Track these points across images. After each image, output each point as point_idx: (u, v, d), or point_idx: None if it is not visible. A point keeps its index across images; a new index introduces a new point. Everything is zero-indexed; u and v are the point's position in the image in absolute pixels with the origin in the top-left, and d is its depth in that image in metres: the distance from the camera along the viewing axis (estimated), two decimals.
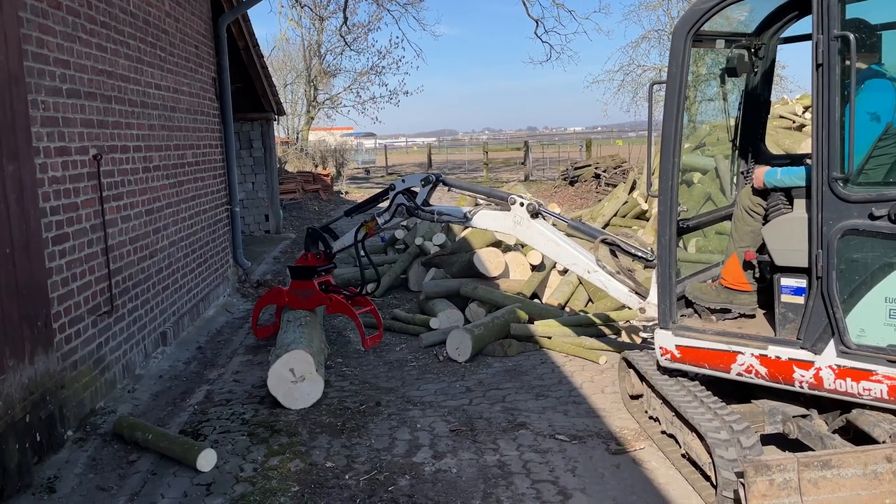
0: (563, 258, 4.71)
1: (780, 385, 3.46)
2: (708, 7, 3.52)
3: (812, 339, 3.29)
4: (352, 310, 5.47)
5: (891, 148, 3.27)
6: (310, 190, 19.49)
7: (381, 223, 5.37)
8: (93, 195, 4.80)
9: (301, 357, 4.70)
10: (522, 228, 4.77)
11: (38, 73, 4.15)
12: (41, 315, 4.00)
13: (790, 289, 3.44)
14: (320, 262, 5.70)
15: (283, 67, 30.25)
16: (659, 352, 3.87)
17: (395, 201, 5.29)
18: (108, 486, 3.76)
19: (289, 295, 5.81)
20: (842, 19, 3.10)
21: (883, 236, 3.04)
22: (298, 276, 5.73)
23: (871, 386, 3.13)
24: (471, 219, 5.01)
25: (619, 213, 10.52)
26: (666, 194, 3.75)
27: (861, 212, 3.08)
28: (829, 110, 3.10)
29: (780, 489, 2.76)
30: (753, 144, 4.44)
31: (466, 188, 5.49)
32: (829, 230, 3.16)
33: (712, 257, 4.66)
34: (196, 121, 7.32)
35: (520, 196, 4.83)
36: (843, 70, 3.07)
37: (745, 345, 3.53)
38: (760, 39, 4.21)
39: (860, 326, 3.15)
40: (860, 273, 3.12)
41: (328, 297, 5.59)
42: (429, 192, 5.29)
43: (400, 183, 5.37)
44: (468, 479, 3.71)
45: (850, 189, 3.12)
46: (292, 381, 4.69)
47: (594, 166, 18.02)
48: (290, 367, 4.69)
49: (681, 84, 3.64)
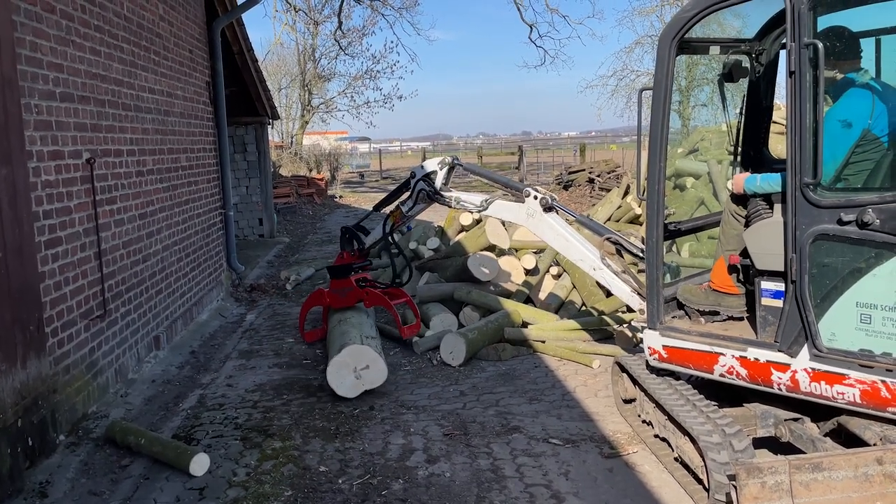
0: (571, 253, 4.79)
1: (760, 387, 3.50)
2: (691, 15, 3.57)
3: (788, 342, 3.32)
4: (388, 301, 5.67)
5: (868, 154, 3.31)
6: (304, 194, 19.48)
7: (406, 210, 5.53)
8: (86, 199, 4.79)
9: (355, 352, 4.91)
10: (535, 221, 4.89)
11: (31, 76, 4.15)
12: (34, 319, 3.98)
13: (770, 292, 3.47)
14: (356, 260, 5.91)
15: (277, 71, 30.28)
16: (647, 351, 3.95)
17: (417, 187, 5.44)
18: (101, 490, 3.74)
19: (329, 295, 6.00)
20: (813, 28, 3.16)
21: (851, 241, 3.07)
22: (336, 276, 5.94)
23: (845, 390, 3.16)
24: (486, 207, 5.16)
25: (613, 218, 10.54)
26: (653, 197, 3.80)
27: (831, 217, 3.11)
28: (801, 116, 3.14)
29: (771, 492, 2.77)
30: (756, 150, 4.47)
31: (484, 174, 5.64)
32: (802, 235, 3.19)
33: (706, 262, 4.70)
34: (190, 125, 7.31)
35: (535, 189, 4.95)
36: (814, 77, 3.11)
37: (727, 346, 3.58)
38: (762, 44, 4.24)
39: (831, 330, 3.18)
40: (831, 277, 3.16)
41: (364, 292, 5.79)
42: (447, 176, 5.42)
43: (420, 169, 5.50)
44: (462, 483, 3.71)
45: (821, 194, 3.16)
46: (356, 378, 4.90)
47: (588, 171, 18.05)
48: (347, 367, 4.89)
49: (666, 90, 3.70)
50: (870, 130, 3.28)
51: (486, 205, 5.15)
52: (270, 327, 7.00)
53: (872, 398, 3.08)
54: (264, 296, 8.45)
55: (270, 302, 8.13)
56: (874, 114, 3.28)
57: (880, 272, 3.02)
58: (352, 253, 5.93)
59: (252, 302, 8.20)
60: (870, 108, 3.30)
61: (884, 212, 2.96)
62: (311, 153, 26.56)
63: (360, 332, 5.30)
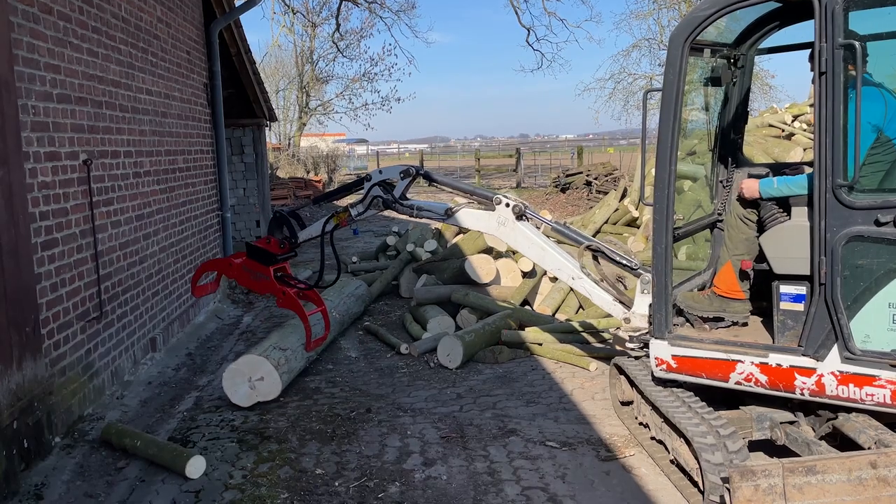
0: (547, 263, 4.58)
1: (781, 393, 3.46)
2: (706, 15, 3.49)
3: (814, 346, 3.30)
4: (302, 308, 5.19)
5: (882, 156, 3.32)
6: (301, 196, 19.47)
7: (354, 214, 5.05)
8: (83, 200, 4.79)
9: (252, 362, 4.87)
10: (506, 230, 4.62)
11: (28, 77, 4.15)
12: (30, 320, 3.98)
13: (789, 296, 3.46)
14: (282, 251, 5.21)
15: (275, 73, 30.31)
16: (654, 362, 3.83)
17: (371, 193, 4.96)
18: (96, 493, 3.74)
19: (238, 269, 5.31)
20: (845, 28, 3.12)
21: (888, 242, 3.07)
22: (255, 258, 5.25)
23: (874, 391, 3.16)
24: (452, 216, 4.81)
25: (610, 221, 10.57)
26: (662, 203, 3.70)
27: (866, 218, 3.10)
28: (833, 118, 3.12)
29: (765, 494, 2.78)
30: (732, 153, 4.47)
31: (449, 184, 5.14)
32: (833, 237, 3.17)
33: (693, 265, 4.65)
34: (187, 126, 7.31)
35: (506, 196, 4.67)
36: (848, 78, 3.09)
37: (745, 353, 3.53)
38: (739, 50, 4.23)
39: (865, 332, 3.17)
40: (864, 279, 3.14)
41: (282, 290, 5.17)
42: (407, 185, 4.99)
43: (377, 174, 5.07)
44: (458, 486, 3.71)
45: (855, 196, 3.14)
46: (250, 388, 4.88)
47: (585, 174, 18.08)
48: (242, 375, 4.88)
49: (677, 92, 3.61)
50: (884, 132, 3.29)
51: (451, 213, 4.80)
52: (267, 329, 6.99)
53: None
54: (261, 298, 8.44)
55: (267, 304, 8.12)
56: (888, 115, 3.29)
57: None
58: (280, 243, 5.19)
59: (248, 304, 8.19)
60: (884, 109, 3.31)
61: None
62: (308, 155, 26.58)
63: (275, 340, 5.18)
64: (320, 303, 5.46)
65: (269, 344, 5.14)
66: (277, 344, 5.16)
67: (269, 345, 5.12)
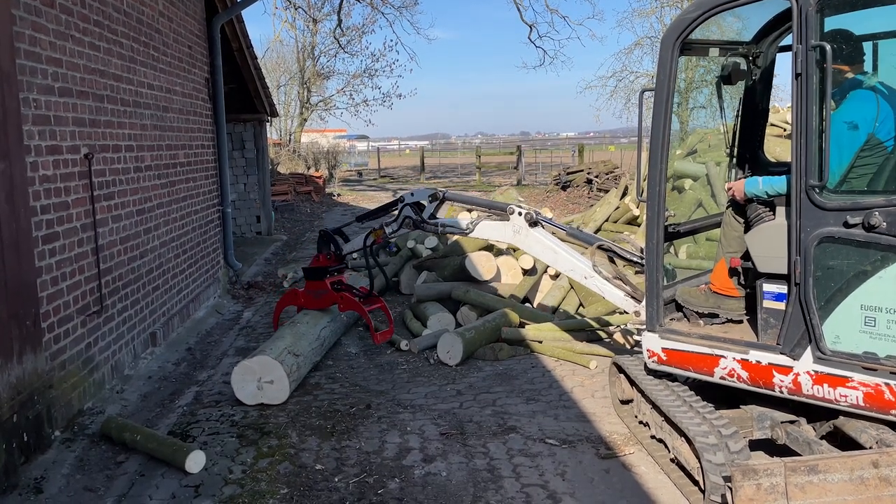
0: (561, 265, 4.82)
1: (761, 389, 3.50)
2: (695, 16, 3.56)
3: (791, 345, 3.32)
4: (361, 306, 5.68)
5: (873, 158, 3.31)
6: (302, 192, 19.45)
7: (389, 233, 5.59)
8: (84, 194, 4.78)
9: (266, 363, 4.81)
10: (521, 237, 4.93)
11: (30, 71, 4.14)
12: (30, 314, 3.98)
13: (772, 294, 3.47)
14: (332, 263, 5.91)
15: (276, 69, 30.24)
16: (646, 354, 3.93)
17: (403, 213, 5.53)
18: (96, 486, 3.74)
19: (304, 295, 5.99)
20: (820, 30, 3.14)
21: (857, 244, 3.08)
22: (312, 277, 5.94)
23: (848, 392, 3.16)
24: (472, 230, 5.21)
25: (611, 219, 10.56)
26: (653, 200, 3.79)
27: (837, 219, 3.11)
28: (807, 119, 3.14)
29: (767, 493, 2.77)
30: (752, 152, 4.47)
31: (467, 201, 5.80)
32: (807, 237, 3.19)
33: (703, 264, 4.70)
34: (188, 121, 7.30)
35: (518, 206, 5.00)
36: (821, 80, 3.10)
37: (728, 349, 3.58)
38: (759, 47, 4.24)
39: (836, 333, 3.18)
40: (836, 280, 3.16)
41: (339, 296, 5.79)
42: (436, 208, 5.55)
43: (409, 196, 5.60)
44: (458, 483, 3.71)
45: (827, 197, 3.16)
46: (257, 388, 4.83)
47: (586, 172, 18.07)
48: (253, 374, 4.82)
49: (668, 92, 3.69)
50: (874, 134, 3.29)
51: (472, 227, 5.21)
52: (267, 325, 6.98)
53: (876, 401, 3.09)
54: (261, 293, 8.44)
55: (267, 299, 8.12)
56: (879, 117, 3.29)
57: (886, 275, 3.03)
58: (328, 256, 5.93)
59: (249, 299, 8.19)
60: (875, 111, 3.30)
61: (890, 214, 2.96)
62: (309, 151, 26.54)
63: (289, 343, 5.17)
64: (378, 301, 5.93)
65: (284, 346, 5.07)
66: (292, 349, 5.12)
67: (284, 347, 5.06)
